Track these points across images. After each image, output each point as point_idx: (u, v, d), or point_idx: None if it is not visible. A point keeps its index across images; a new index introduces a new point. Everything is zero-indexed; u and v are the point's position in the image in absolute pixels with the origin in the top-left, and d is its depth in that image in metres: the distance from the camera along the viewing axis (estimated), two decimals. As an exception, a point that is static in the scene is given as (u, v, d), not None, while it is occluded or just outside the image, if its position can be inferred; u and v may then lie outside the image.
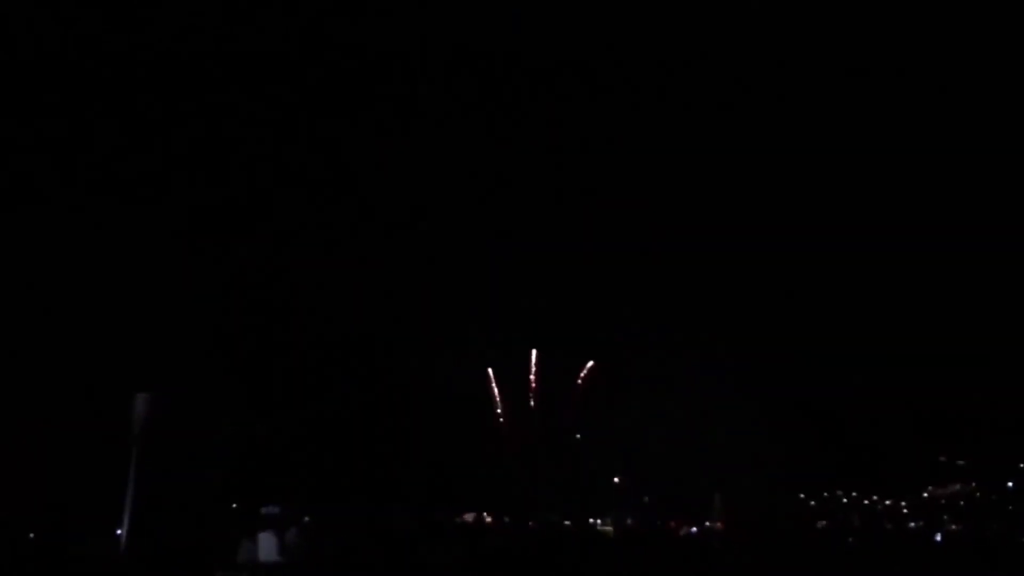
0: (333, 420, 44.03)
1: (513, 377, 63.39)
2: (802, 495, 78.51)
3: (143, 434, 14.75)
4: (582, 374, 63.58)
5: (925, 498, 76.64)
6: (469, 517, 49.85)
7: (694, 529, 58.09)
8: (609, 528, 57.43)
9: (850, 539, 38.36)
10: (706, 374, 58.60)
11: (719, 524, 62.82)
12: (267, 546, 14.50)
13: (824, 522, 70.53)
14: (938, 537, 35.98)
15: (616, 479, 66.57)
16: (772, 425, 64.20)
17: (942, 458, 73.91)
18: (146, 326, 33.02)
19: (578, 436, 63.49)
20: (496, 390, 62.03)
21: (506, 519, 49.67)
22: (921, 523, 65.69)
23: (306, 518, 29.62)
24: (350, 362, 46.36)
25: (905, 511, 76.18)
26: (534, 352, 62.99)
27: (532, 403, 63.17)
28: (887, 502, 78.02)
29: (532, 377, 63.05)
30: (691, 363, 58.37)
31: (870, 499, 79.12)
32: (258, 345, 39.12)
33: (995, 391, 64.33)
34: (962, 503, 73.65)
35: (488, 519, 50.28)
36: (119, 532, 14.94)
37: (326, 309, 44.69)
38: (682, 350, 58.74)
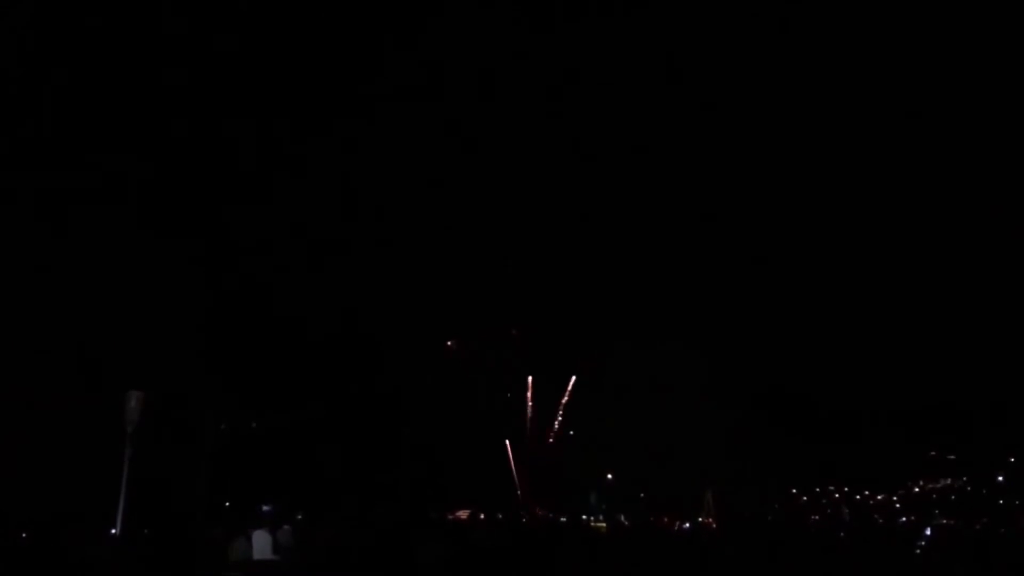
0: (327, 418, 44.07)
1: (505, 373, 63.66)
2: (794, 490, 79.02)
3: (136, 433, 14.69)
4: (572, 378, 64.07)
5: (916, 492, 77.16)
6: (463, 514, 49.93)
7: (687, 525, 58.28)
8: (603, 524, 57.59)
9: (841, 533, 38.47)
10: (697, 372, 58.87)
11: (710, 520, 63.11)
12: (261, 544, 14.46)
13: (816, 516, 70.90)
14: (928, 531, 36.13)
15: (609, 476, 66.82)
16: (763, 421, 64.60)
17: (932, 453, 74.39)
18: (139, 324, 32.93)
19: (571, 432, 63.74)
20: (513, 463, 63.16)
21: (499, 515, 49.76)
22: (912, 517, 66.09)
23: (299, 516, 29.64)
24: (344, 361, 46.40)
25: (897, 505, 76.68)
26: (530, 379, 63.98)
27: (529, 416, 63.74)
28: (878, 496, 78.54)
29: (529, 396, 63.79)
30: (682, 361, 58.62)
31: (861, 494, 79.62)
32: (252, 343, 39.07)
33: (985, 386, 64.81)
34: (953, 497, 74.15)
35: (482, 516, 50.35)
36: (113, 532, 14.89)
37: (321, 308, 44.75)
38: (673, 349, 58.96)
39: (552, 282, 67.20)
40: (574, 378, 64.05)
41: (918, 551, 30.26)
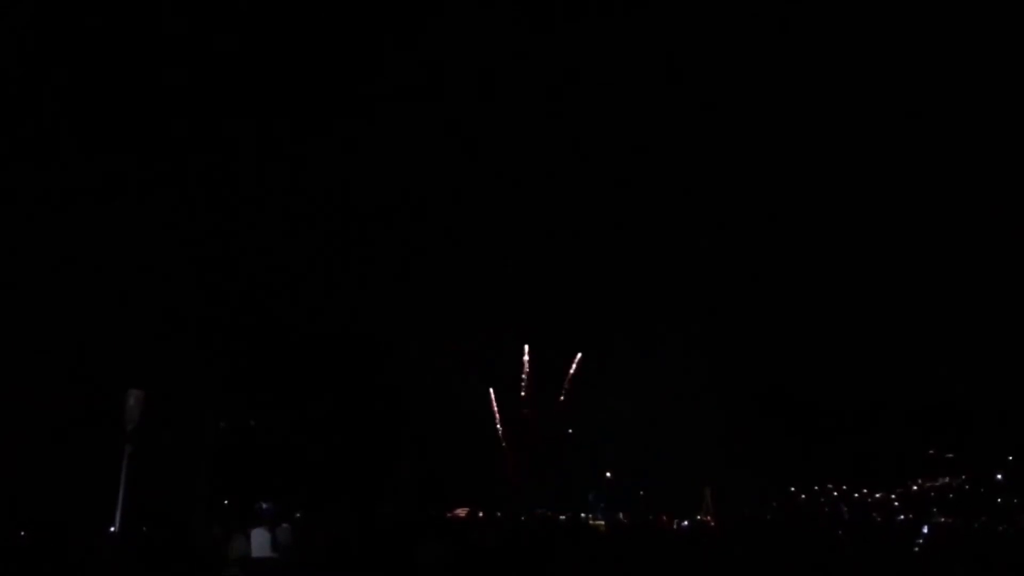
0: (326, 416, 44.14)
1: (505, 373, 63.66)
2: (792, 488, 79.18)
3: (135, 431, 14.76)
4: (572, 368, 63.77)
5: (915, 491, 77.27)
6: (461, 512, 49.98)
7: (686, 523, 58.39)
8: (601, 522, 57.70)
9: (840, 532, 38.58)
10: (697, 370, 58.93)
11: (709, 518, 63.22)
12: (260, 542, 14.55)
13: (814, 515, 70.91)
14: (925, 529, 36.27)
15: (608, 474, 66.91)
16: (762, 419, 64.71)
17: (931, 451, 74.49)
18: (139, 322, 33.00)
19: (570, 431, 63.69)
20: (496, 408, 62.64)
21: (498, 514, 49.83)
22: (910, 515, 66.18)
23: (297, 514, 29.73)
24: (343, 359, 46.45)
25: (895, 504, 76.78)
26: (527, 347, 63.25)
27: (524, 398, 63.29)
28: (877, 495, 78.66)
29: (524, 374, 63.26)
30: (681, 359, 58.69)
31: (860, 492, 79.76)
32: (252, 342, 39.16)
33: (984, 385, 64.88)
34: (951, 496, 74.24)
35: (480, 514, 50.43)
36: (112, 529, 14.97)
37: (320, 306, 44.82)
38: (672, 345, 59.04)
39: (552, 281, 67.31)
40: (580, 355, 63.54)
41: (916, 548, 30.34)
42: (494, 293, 60.48)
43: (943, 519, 63.37)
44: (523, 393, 63.29)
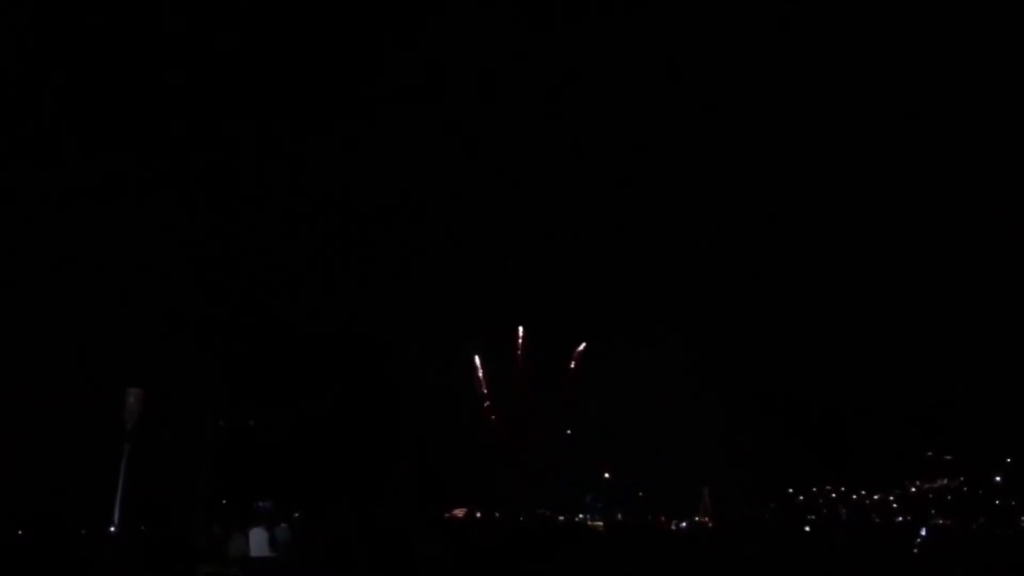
0: (326, 416, 44.17)
1: (504, 373, 63.60)
2: (791, 490, 79.19)
3: (134, 430, 14.80)
4: (572, 363, 63.44)
5: (913, 493, 77.25)
6: (459, 512, 50.01)
7: (684, 524, 58.44)
8: (600, 523, 57.73)
9: (838, 533, 38.64)
10: (696, 369, 58.95)
11: (707, 519, 63.23)
12: (258, 541, 14.59)
13: (813, 517, 70.97)
14: (923, 531, 36.33)
15: (606, 475, 66.90)
16: (761, 419, 64.72)
17: (929, 453, 74.46)
18: (138, 322, 33.04)
19: (568, 432, 63.66)
20: (482, 378, 61.89)
21: (497, 514, 49.85)
22: (909, 517, 66.20)
23: (296, 513, 29.77)
24: (343, 359, 46.49)
25: (894, 505, 76.79)
26: (521, 329, 62.70)
27: (518, 384, 62.59)
28: (875, 497, 78.68)
29: (519, 352, 62.52)
30: (681, 358, 58.70)
31: (858, 494, 79.78)
32: (251, 340, 39.20)
33: (984, 384, 64.87)
34: (949, 497, 74.22)
35: (478, 514, 50.44)
36: (111, 528, 15.00)
37: (320, 306, 44.84)
38: (672, 345, 59.04)
39: (551, 281, 67.22)
40: (584, 344, 63.04)
41: (915, 550, 30.39)
42: (494, 293, 60.43)
43: (941, 521, 63.34)
44: (517, 357, 62.20)
